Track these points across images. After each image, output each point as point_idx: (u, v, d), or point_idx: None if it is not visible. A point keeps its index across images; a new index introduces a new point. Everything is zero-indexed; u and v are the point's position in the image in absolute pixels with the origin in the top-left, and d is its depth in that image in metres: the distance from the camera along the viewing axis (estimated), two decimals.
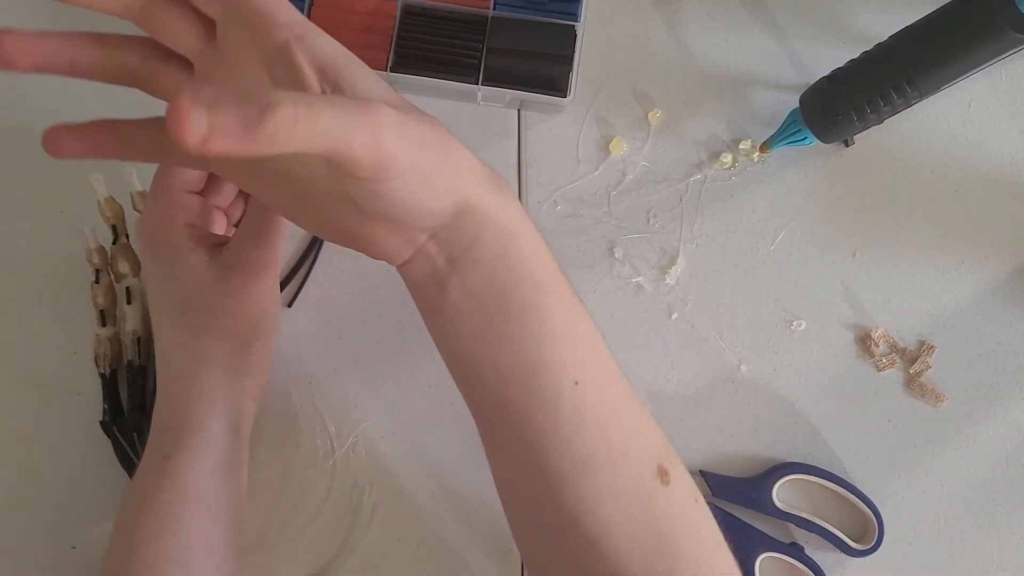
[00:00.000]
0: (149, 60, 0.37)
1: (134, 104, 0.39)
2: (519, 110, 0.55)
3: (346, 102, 0.29)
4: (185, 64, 0.37)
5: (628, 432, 0.38)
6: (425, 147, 0.32)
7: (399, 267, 0.38)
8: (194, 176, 0.44)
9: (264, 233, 0.43)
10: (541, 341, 0.37)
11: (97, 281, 0.52)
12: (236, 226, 0.48)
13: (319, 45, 0.33)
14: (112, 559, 0.43)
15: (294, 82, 0.32)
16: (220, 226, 0.47)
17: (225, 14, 0.34)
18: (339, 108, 0.28)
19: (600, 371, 0.38)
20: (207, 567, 0.42)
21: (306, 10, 0.53)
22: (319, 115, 0.26)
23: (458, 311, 0.37)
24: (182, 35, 0.36)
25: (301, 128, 0.26)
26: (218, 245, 0.45)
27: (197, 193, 0.46)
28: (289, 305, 0.53)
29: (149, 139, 0.37)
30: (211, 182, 0.46)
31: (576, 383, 0.37)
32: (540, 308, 0.37)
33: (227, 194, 0.48)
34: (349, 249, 0.36)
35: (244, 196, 0.49)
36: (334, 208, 0.35)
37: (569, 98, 0.51)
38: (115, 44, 0.38)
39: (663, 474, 0.38)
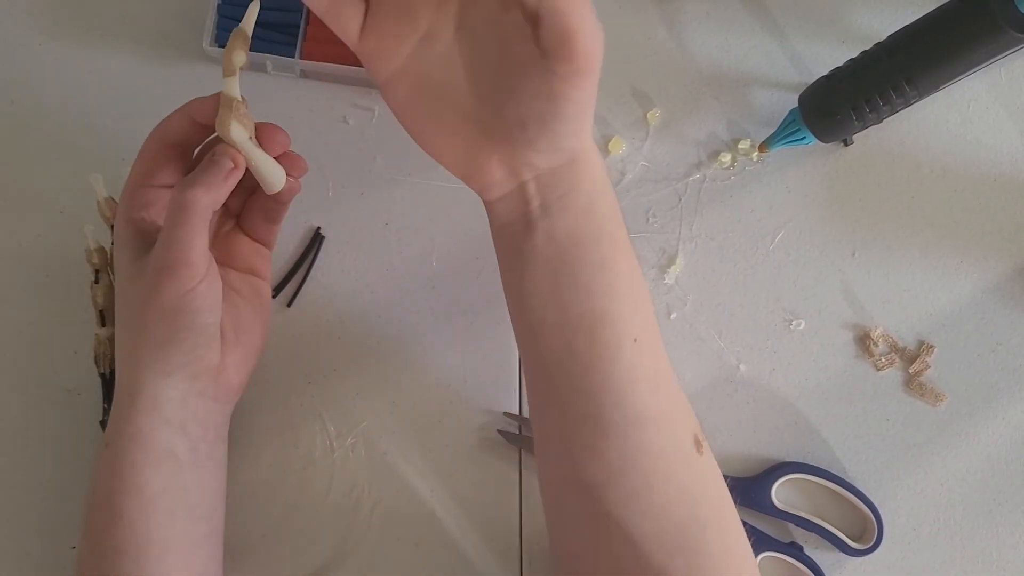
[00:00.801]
0: None
1: (131, 110, 0.39)
2: None
3: None
4: None
5: (673, 396, 0.41)
6: (593, 84, 0.37)
7: (490, 202, 0.41)
8: (153, 166, 0.43)
9: (171, 229, 0.40)
10: (611, 295, 0.39)
11: (97, 281, 0.52)
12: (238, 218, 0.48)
13: None
14: (79, 549, 0.44)
15: None
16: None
17: None
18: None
19: (652, 335, 0.41)
20: (167, 561, 0.41)
21: (306, 10, 0.53)
22: None
23: (539, 254, 0.39)
24: None
25: None
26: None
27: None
28: (289, 305, 0.53)
29: None
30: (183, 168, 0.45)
31: (635, 340, 0.39)
32: (613, 264, 0.40)
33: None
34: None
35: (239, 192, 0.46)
36: (460, 125, 0.39)
37: None
38: None
39: (698, 444, 0.41)
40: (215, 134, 0.42)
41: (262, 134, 0.43)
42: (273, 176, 0.43)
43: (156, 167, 0.43)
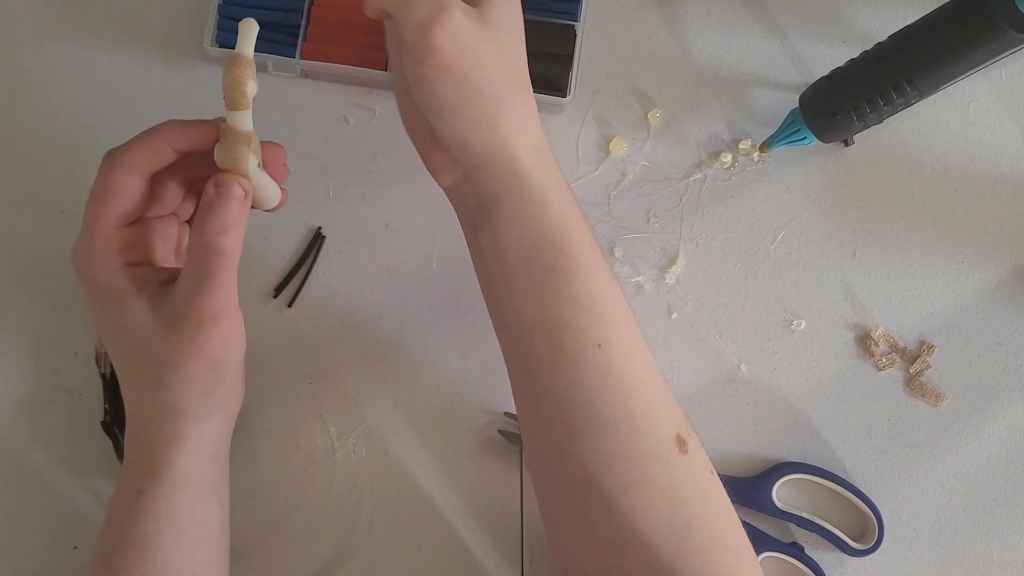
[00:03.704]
0: None
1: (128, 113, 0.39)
2: None
3: None
4: None
5: (650, 399, 0.40)
6: (473, 67, 0.36)
7: (447, 191, 0.42)
8: (129, 204, 0.39)
9: (209, 278, 0.37)
10: (562, 302, 0.39)
11: None
12: (189, 223, 0.44)
13: None
14: None
15: None
16: (162, 252, 0.42)
17: None
18: None
19: (625, 338, 0.41)
20: None
21: (306, 10, 0.53)
22: None
23: (488, 256, 0.40)
24: None
25: None
26: (165, 282, 0.40)
27: (135, 221, 0.41)
28: (289, 305, 0.53)
29: None
30: (153, 194, 0.40)
31: (599, 346, 0.39)
32: (562, 271, 0.39)
33: (170, 199, 0.42)
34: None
35: (195, 192, 0.43)
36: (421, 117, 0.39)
37: (569, 98, 0.51)
38: None
39: (681, 443, 0.40)
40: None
41: (267, 157, 0.41)
42: (271, 195, 0.41)
43: (129, 203, 0.39)
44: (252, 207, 0.40)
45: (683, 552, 0.39)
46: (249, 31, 0.37)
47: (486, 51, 0.37)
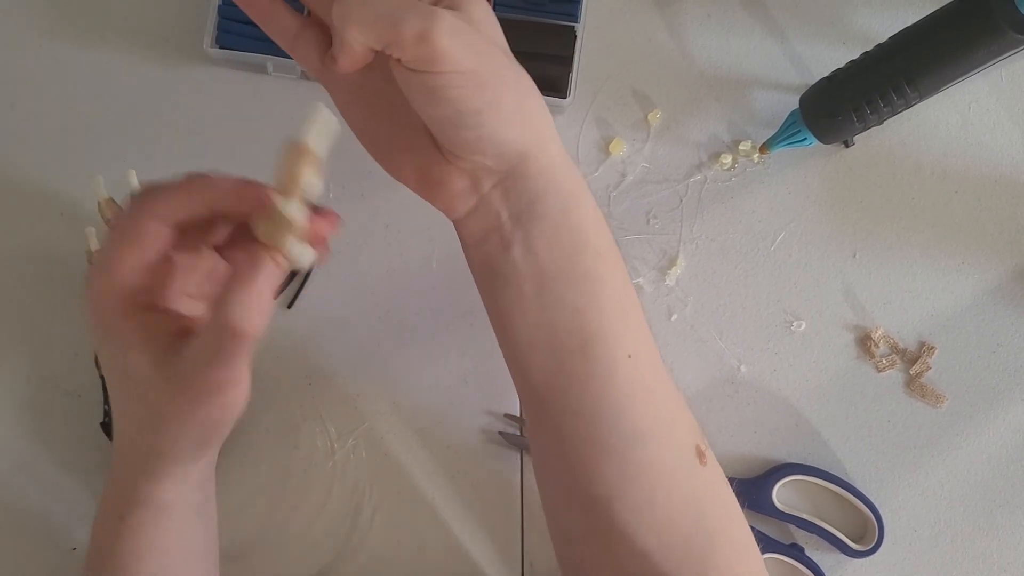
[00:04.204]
0: None
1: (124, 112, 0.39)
2: None
3: (413, 1, 0.33)
4: None
5: (672, 409, 0.40)
6: (485, 59, 0.34)
7: (460, 221, 0.39)
8: (153, 252, 0.36)
9: (226, 357, 0.35)
10: (600, 310, 0.38)
11: None
12: (218, 249, 0.40)
13: None
14: None
15: None
16: (184, 286, 0.38)
17: None
18: (401, 0, 0.33)
19: (647, 348, 0.39)
20: None
21: (306, 11, 0.53)
22: (369, 13, 0.33)
23: (520, 271, 0.37)
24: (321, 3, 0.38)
25: (359, 8, 0.33)
26: (178, 335, 0.37)
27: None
28: (289, 306, 0.53)
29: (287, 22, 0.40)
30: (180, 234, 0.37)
31: (629, 356, 0.38)
32: (599, 277, 0.38)
33: (197, 236, 0.38)
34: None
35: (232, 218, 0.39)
36: (415, 140, 0.37)
37: (569, 99, 0.51)
38: None
39: (700, 454, 0.40)
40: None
41: (314, 230, 0.36)
42: (304, 261, 0.36)
43: (153, 251, 0.35)
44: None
45: (705, 567, 0.38)
46: (320, 122, 0.32)
47: (486, 44, 0.35)
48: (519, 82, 0.37)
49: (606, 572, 0.40)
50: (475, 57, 0.34)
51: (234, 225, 0.38)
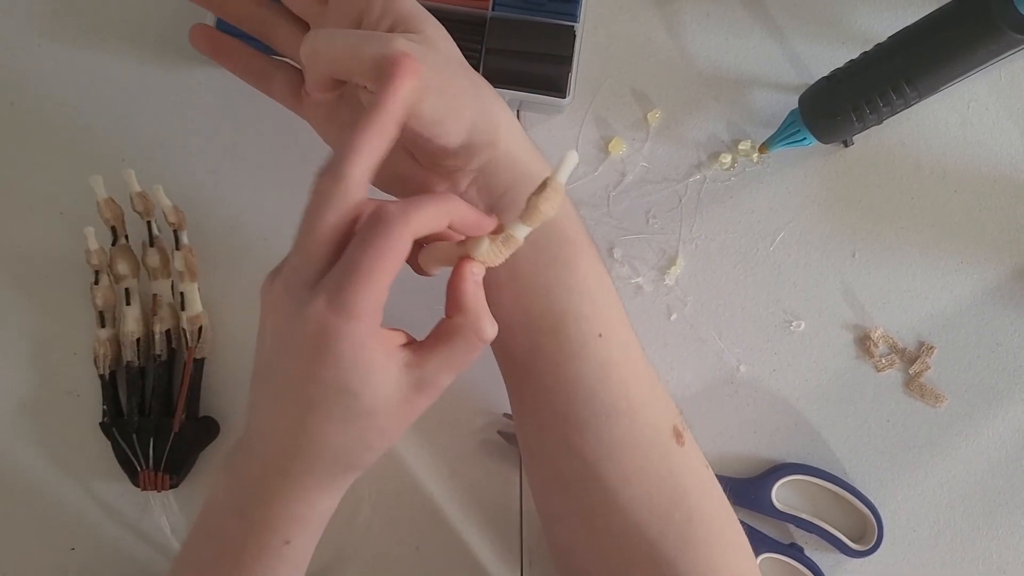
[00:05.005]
0: (276, 16, 0.46)
1: (116, 110, 0.39)
2: (518, 111, 0.55)
3: (370, 32, 0.38)
4: (300, 23, 0.45)
5: (646, 389, 0.41)
6: (438, 71, 0.37)
7: None
8: (400, 268, 0.35)
9: (468, 360, 0.36)
10: (569, 291, 0.40)
11: (97, 282, 0.52)
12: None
13: (401, 5, 0.39)
14: None
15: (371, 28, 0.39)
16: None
17: None
18: (360, 33, 0.37)
19: (621, 329, 0.41)
20: None
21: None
22: (340, 35, 0.37)
23: None
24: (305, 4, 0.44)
25: (324, 44, 0.37)
26: (404, 348, 0.37)
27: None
28: None
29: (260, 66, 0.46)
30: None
31: (600, 335, 0.40)
32: (568, 260, 0.40)
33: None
34: None
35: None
36: (393, 154, 0.37)
37: (568, 99, 0.51)
38: (258, 2, 0.46)
39: (678, 435, 0.41)
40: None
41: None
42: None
43: (400, 267, 0.35)
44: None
45: (684, 544, 0.39)
46: (570, 166, 0.34)
47: (439, 57, 0.38)
48: (475, 86, 0.40)
49: (589, 551, 0.41)
50: (437, 63, 0.37)
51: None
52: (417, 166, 0.41)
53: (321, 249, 0.34)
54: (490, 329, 0.36)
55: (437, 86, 0.37)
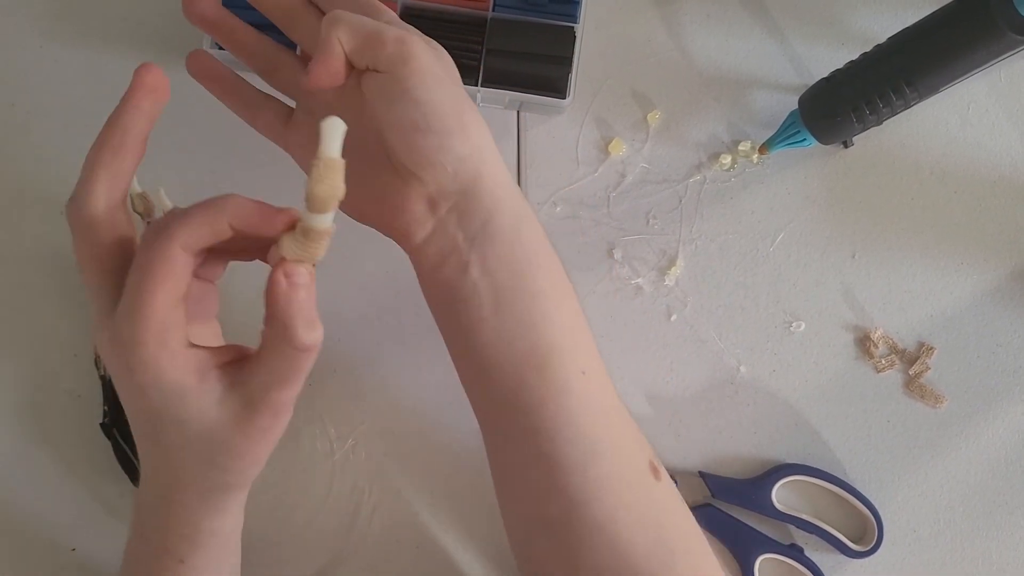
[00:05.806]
0: (280, 52, 0.45)
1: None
2: (518, 111, 0.55)
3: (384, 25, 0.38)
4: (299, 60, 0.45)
5: (624, 425, 0.41)
6: (446, 75, 0.38)
7: (419, 247, 0.40)
8: (183, 284, 0.33)
9: (297, 375, 0.35)
10: (552, 326, 0.39)
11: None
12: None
13: (408, 26, 0.40)
14: None
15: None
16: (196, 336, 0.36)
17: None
18: (374, 23, 0.38)
19: (598, 364, 0.41)
20: None
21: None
22: (356, 20, 0.38)
23: (478, 291, 0.38)
24: (309, 34, 0.43)
25: (346, 16, 0.37)
26: (229, 365, 0.35)
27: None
28: None
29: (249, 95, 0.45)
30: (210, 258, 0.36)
31: (583, 372, 0.39)
32: (551, 294, 0.39)
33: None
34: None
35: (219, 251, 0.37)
36: (373, 175, 0.39)
37: (568, 99, 0.51)
38: (261, 38, 0.45)
39: (655, 470, 0.41)
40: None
41: None
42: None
43: (183, 283, 0.33)
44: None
45: None
46: (336, 133, 0.31)
47: (447, 65, 0.39)
48: (471, 107, 0.39)
49: None
50: (434, 64, 0.38)
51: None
52: (397, 185, 0.39)
53: (95, 280, 0.35)
54: (306, 334, 0.33)
55: (433, 74, 0.37)
